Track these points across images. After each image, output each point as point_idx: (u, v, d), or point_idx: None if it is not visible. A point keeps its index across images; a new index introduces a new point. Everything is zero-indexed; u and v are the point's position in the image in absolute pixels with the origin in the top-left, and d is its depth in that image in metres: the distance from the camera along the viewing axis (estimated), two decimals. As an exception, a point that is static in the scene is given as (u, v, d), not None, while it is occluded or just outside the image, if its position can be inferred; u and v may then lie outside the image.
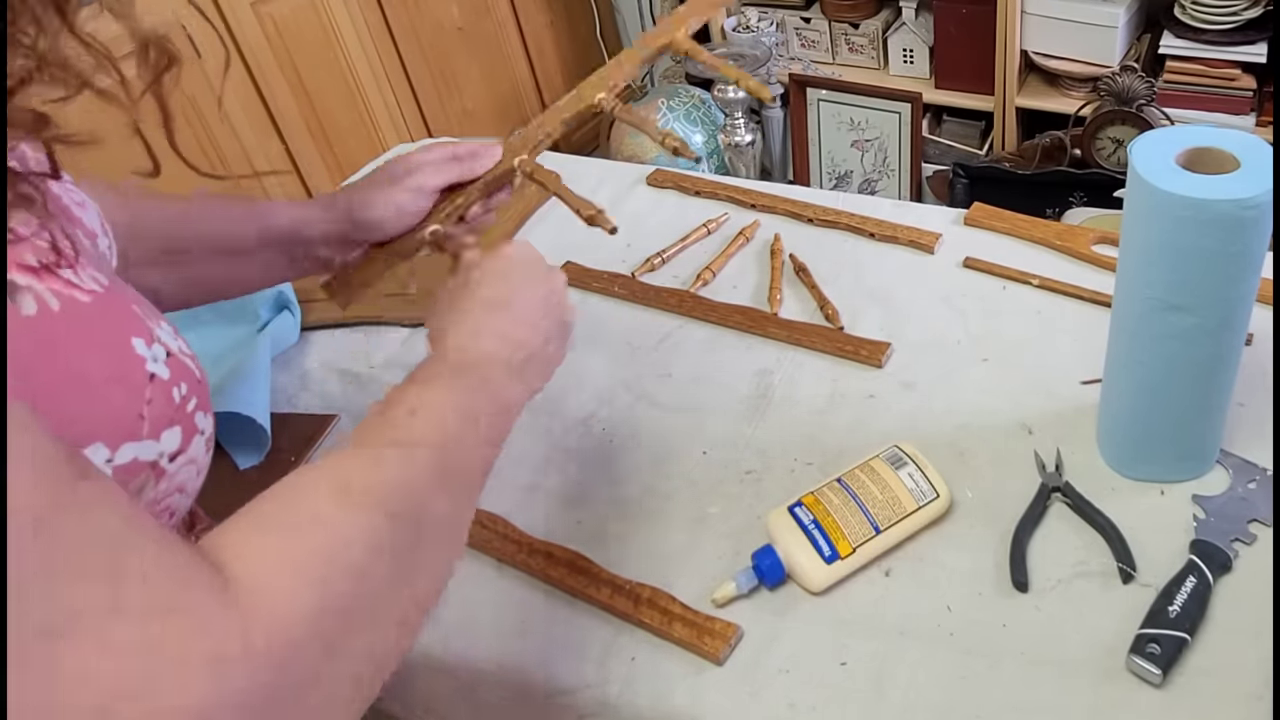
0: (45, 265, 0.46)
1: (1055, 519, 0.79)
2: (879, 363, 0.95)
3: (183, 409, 0.50)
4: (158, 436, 0.48)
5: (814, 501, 0.79)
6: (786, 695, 0.71)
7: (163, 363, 0.50)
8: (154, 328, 0.51)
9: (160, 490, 0.49)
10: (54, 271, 0.46)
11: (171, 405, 0.49)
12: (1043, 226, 1.08)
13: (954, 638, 0.73)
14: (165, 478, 0.49)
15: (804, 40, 2.45)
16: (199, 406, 0.52)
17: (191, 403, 0.51)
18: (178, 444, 0.50)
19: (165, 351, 0.51)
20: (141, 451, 0.47)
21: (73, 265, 0.48)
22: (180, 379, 0.51)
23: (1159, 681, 0.67)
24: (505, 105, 2.59)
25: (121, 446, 0.46)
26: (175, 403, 0.50)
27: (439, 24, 2.35)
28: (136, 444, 0.47)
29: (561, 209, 1.24)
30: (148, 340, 0.50)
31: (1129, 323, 0.75)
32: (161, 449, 0.48)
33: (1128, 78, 1.99)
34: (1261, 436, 0.82)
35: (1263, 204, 0.64)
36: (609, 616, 0.78)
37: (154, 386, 0.49)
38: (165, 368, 0.50)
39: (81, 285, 0.48)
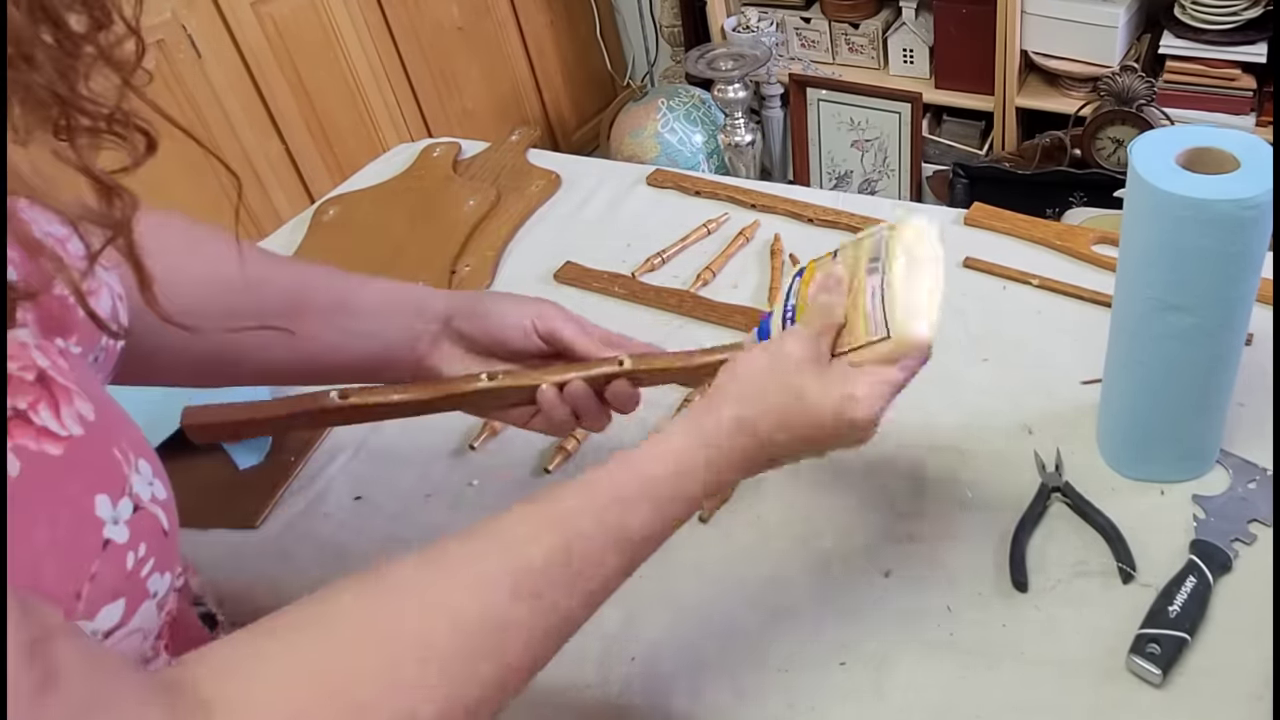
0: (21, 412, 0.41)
1: (1055, 519, 0.79)
2: (879, 363, 0.95)
3: (134, 576, 0.44)
4: (93, 616, 0.42)
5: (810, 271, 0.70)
6: (786, 695, 0.71)
7: (124, 524, 0.44)
8: (130, 474, 0.45)
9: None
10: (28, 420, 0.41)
11: (120, 575, 0.43)
12: (1043, 226, 1.08)
13: (954, 637, 0.73)
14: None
15: (804, 40, 2.45)
16: (157, 567, 0.46)
17: (148, 565, 0.45)
18: (118, 619, 0.43)
19: (133, 506, 0.45)
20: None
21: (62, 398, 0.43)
22: (140, 540, 0.45)
23: (1159, 681, 0.67)
24: (505, 105, 2.59)
25: None
26: (126, 570, 0.44)
27: (439, 24, 2.35)
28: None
29: (561, 209, 1.25)
30: (116, 495, 0.44)
31: (1129, 323, 0.75)
32: (95, 628, 0.42)
33: (1128, 78, 1.99)
34: (1261, 436, 0.82)
35: (1263, 204, 0.64)
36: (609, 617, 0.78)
37: (105, 556, 0.42)
38: (125, 530, 0.44)
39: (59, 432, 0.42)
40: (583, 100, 2.81)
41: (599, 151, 2.67)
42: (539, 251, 1.17)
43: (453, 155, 1.34)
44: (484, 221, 1.22)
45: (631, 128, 2.47)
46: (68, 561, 0.41)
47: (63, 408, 0.43)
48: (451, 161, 1.33)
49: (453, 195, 1.26)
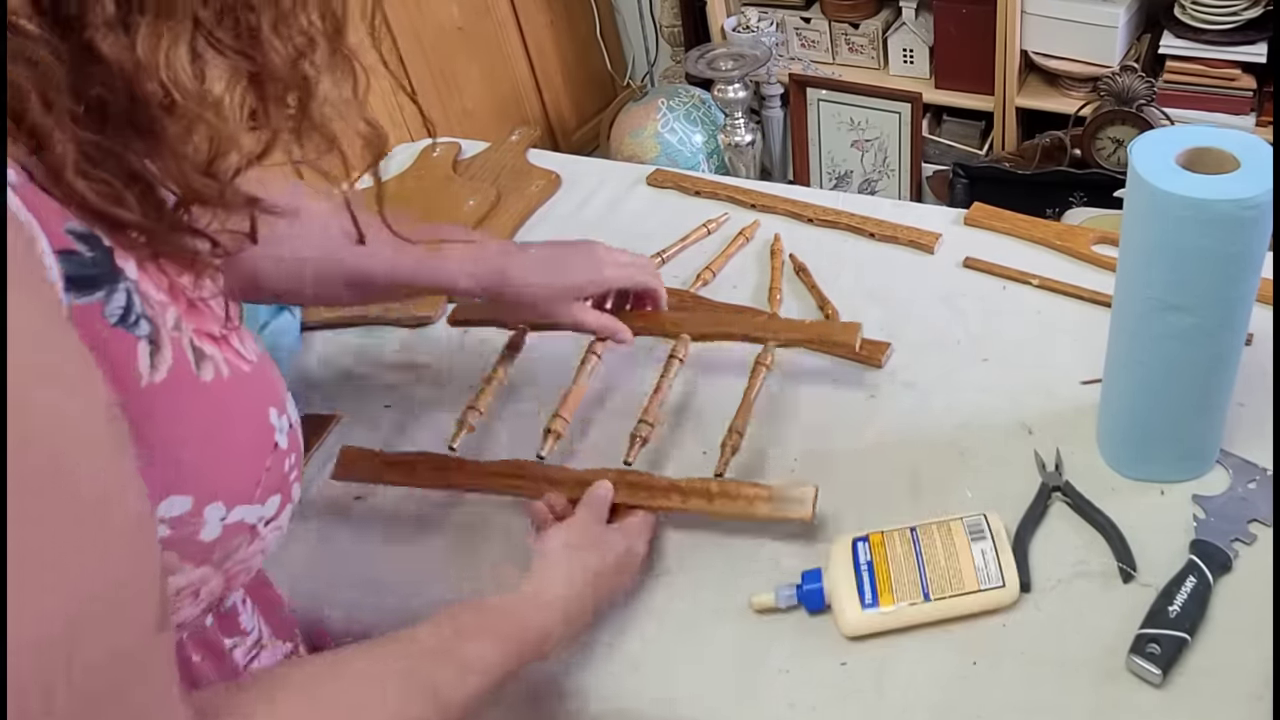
0: (223, 335, 0.50)
1: (1055, 519, 0.79)
2: (879, 362, 0.95)
3: (288, 479, 0.53)
4: (264, 502, 0.51)
5: (879, 542, 0.76)
6: (786, 695, 0.71)
7: (286, 434, 0.53)
8: (286, 398, 0.55)
9: (250, 550, 0.52)
10: (228, 340, 0.51)
11: (281, 474, 0.53)
12: (1043, 226, 1.08)
13: (954, 637, 0.73)
14: (257, 539, 0.52)
15: (804, 40, 2.45)
16: (297, 478, 0.55)
17: (294, 473, 0.54)
18: (275, 510, 0.52)
19: (289, 422, 0.54)
20: (248, 515, 0.50)
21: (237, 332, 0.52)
22: (293, 450, 0.54)
23: (1159, 681, 0.67)
24: (505, 105, 2.59)
25: (235, 508, 0.49)
26: (284, 472, 0.53)
27: (439, 24, 2.35)
28: (247, 507, 0.50)
29: (561, 209, 1.25)
30: (280, 410, 0.53)
31: (1129, 323, 0.75)
32: (263, 514, 0.51)
33: (1128, 78, 1.99)
34: (1261, 436, 0.82)
35: (1263, 204, 0.64)
36: (608, 611, 0.78)
37: (274, 456, 0.52)
38: (287, 439, 0.53)
39: (245, 355, 0.52)
40: (583, 100, 2.81)
41: (599, 151, 2.66)
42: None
43: (453, 155, 1.34)
44: (484, 221, 1.22)
45: (631, 128, 2.47)
46: (252, 454, 0.50)
47: (245, 340, 0.53)
48: (451, 161, 1.33)
49: (453, 195, 1.26)
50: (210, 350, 0.48)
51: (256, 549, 0.53)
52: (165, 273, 0.48)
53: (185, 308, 0.48)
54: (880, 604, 0.72)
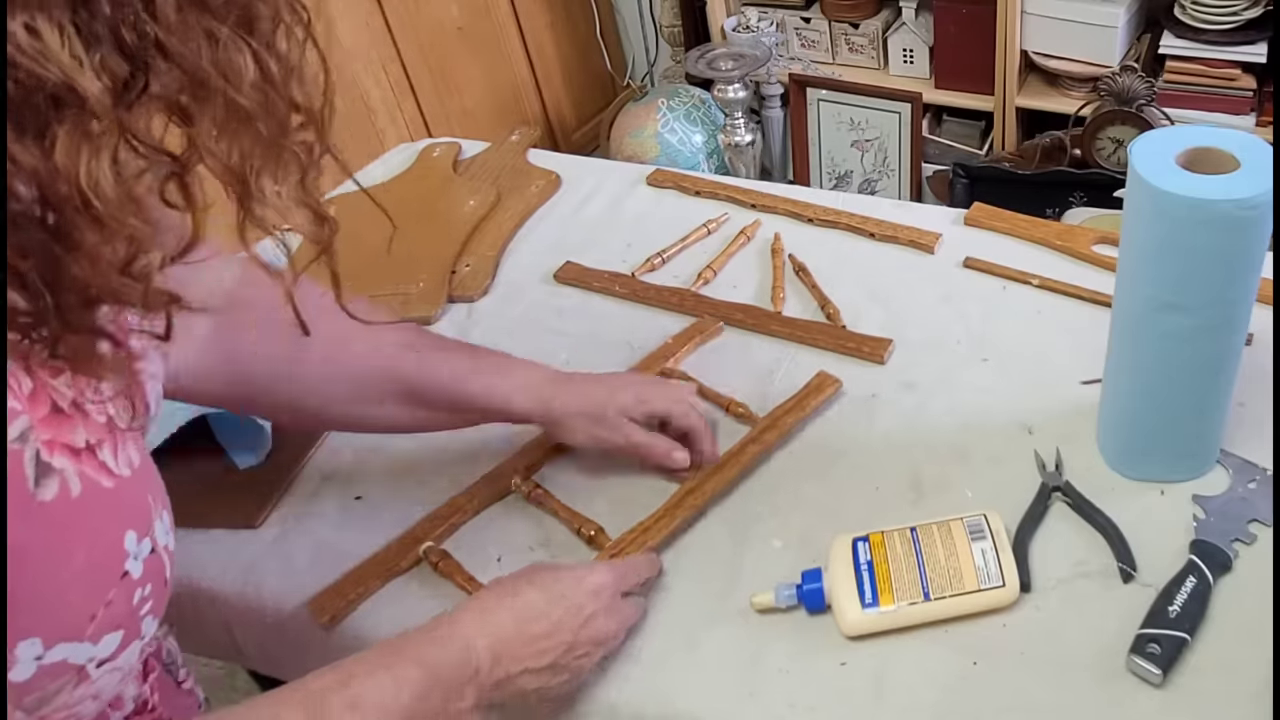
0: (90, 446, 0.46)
1: (1055, 519, 0.79)
2: (881, 359, 0.95)
3: (136, 613, 0.49)
4: (98, 640, 0.46)
5: (879, 542, 0.76)
6: (786, 695, 0.71)
7: (142, 560, 0.48)
8: (154, 520, 0.50)
9: (75, 695, 0.47)
10: (95, 452, 0.46)
11: (128, 608, 0.48)
12: (1043, 226, 1.08)
13: (954, 637, 0.73)
14: (85, 683, 0.47)
15: (804, 40, 2.45)
16: (152, 610, 0.50)
17: (146, 606, 0.49)
18: (114, 649, 0.48)
19: (150, 548, 0.49)
20: (74, 654, 0.45)
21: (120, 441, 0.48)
22: (149, 580, 0.49)
23: (1159, 681, 0.67)
24: (505, 105, 2.58)
25: (56, 645, 0.44)
26: (132, 605, 0.48)
27: (439, 24, 2.35)
28: (72, 645, 0.45)
29: (561, 209, 1.25)
30: (140, 534, 0.49)
31: (1129, 323, 0.75)
32: (95, 654, 0.47)
33: (1128, 78, 1.99)
34: (1261, 436, 0.82)
35: (1262, 204, 0.64)
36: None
37: (121, 587, 0.47)
38: (141, 566, 0.48)
39: (113, 468, 0.47)
40: (583, 100, 2.81)
41: (599, 151, 2.66)
42: (539, 251, 1.17)
43: (453, 155, 1.34)
44: (484, 221, 1.22)
45: (631, 128, 2.47)
46: (94, 583, 0.46)
47: (119, 451, 0.48)
48: (451, 161, 1.33)
49: (453, 195, 1.26)
50: (61, 464, 0.44)
51: (85, 694, 0.47)
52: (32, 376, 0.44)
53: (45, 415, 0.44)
54: (880, 604, 0.72)
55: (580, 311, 1.08)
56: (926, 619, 0.73)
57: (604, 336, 1.04)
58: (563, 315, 1.08)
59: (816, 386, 0.92)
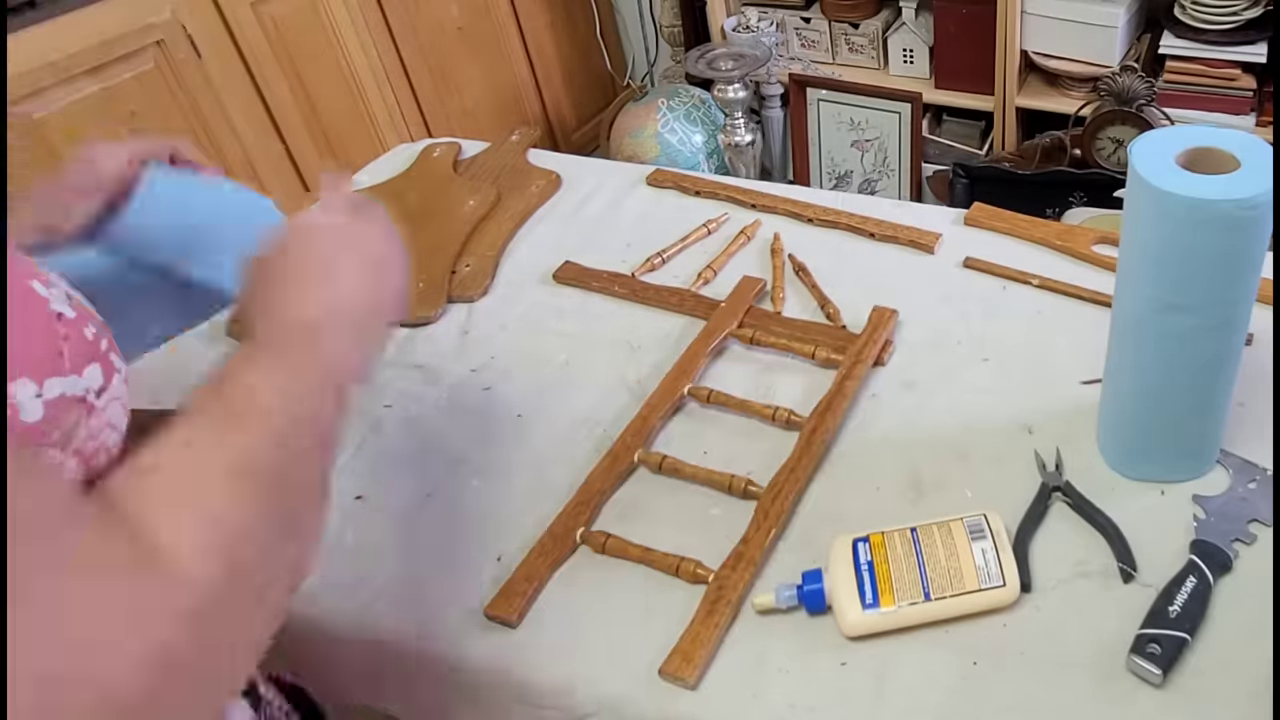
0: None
1: (1055, 519, 0.79)
2: (881, 360, 0.95)
3: (96, 346, 0.52)
4: (80, 372, 0.50)
5: (879, 543, 0.76)
6: (786, 695, 0.71)
7: (66, 304, 0.51)
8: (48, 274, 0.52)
9: (93, 426, 0.51)
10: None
11: (86, 343, 0.51)
12: (1043, 226, 1.08)
13: (954, 637, 0.73)
14: (95, 413, 0.51)
15: (804, 40, 2.45)
16: (111, 348, 0.53)
17: (104, 342, 0.53)
18: (101, 380, 0.51)
19: (65, 295, 0.52)
20: (68, 387, 0.49)
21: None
22: (87, 320, 0.52)
23: (1159, 681, 0.67)
24: (505, 105, 2.58)
25: (47, 381, 0.48)
26: (89, 340, 0.51)
27: (439, 24, 2.35)
28: (62, 379, 0.49)
29: (561, 209, 1.25)
30: (44, 282, 0.51)
31: (1129, 323, 0.75)
32: (87, 384, 0.50)
33: (1128, 78, 1.99)
34: (1261, 436, 0.82)
35: (1262, 204, 0.64)
36: (609, 611, 0.78)
37: (65, 324, 0.50)
38: (70, 309, 0.51)
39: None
40: (583, 100, 2.81)
41: (599, 151, 2.66)
42: (539, 251, 1.17)
43: (453, 155, 1.34)
44: (484, 221, 1.22)
45: (631, 128, 2.47)
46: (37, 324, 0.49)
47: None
48: (451, 162, 1.33)
49: (453, 195, 1.26)
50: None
51: (100, 424, 0.51)
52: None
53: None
54: (881, 604, 0.72)
55: (580, 311, 1.08)
56: (927, 619, 0.73)
57: (604, 337, 1.04)
58: (562, 315, 1.08)
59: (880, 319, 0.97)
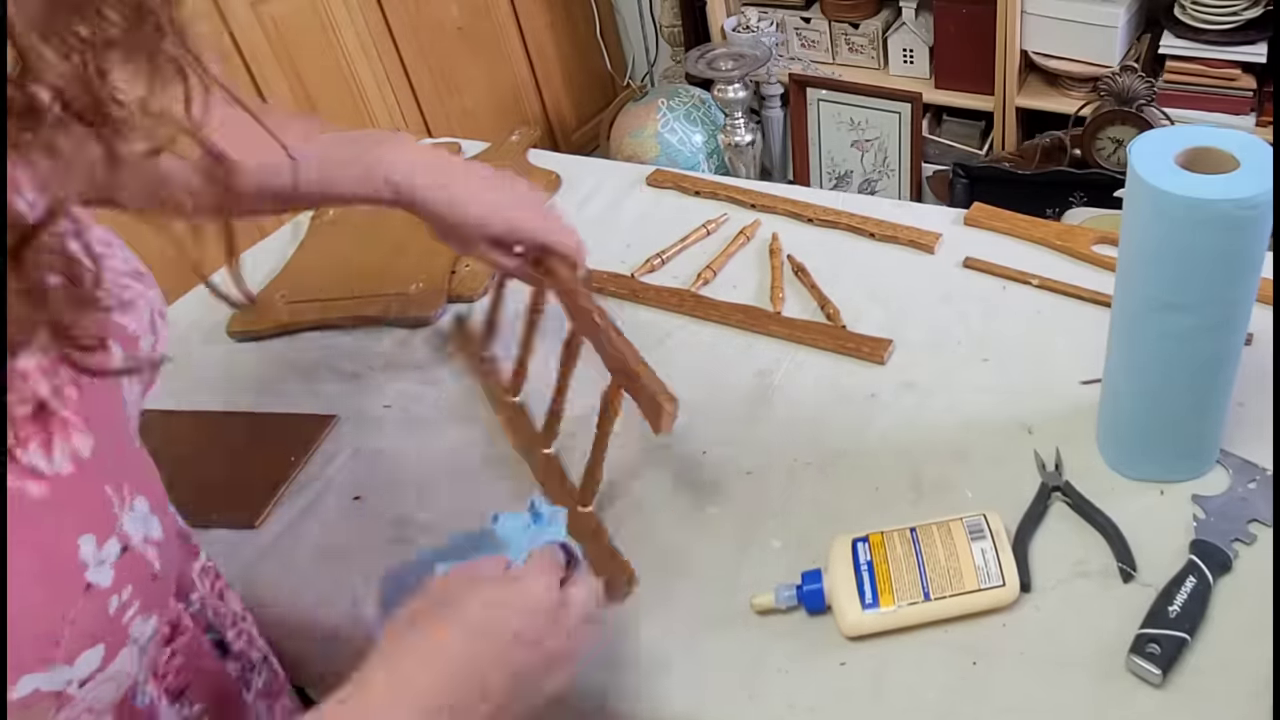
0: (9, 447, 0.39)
1: (1055, 519, 0.79)
2: (881, 359, 0.95)
3: (116, 621, 0.43)
4: (72, 661, 0.41)
5: (879, 543, 0.76)
6: (786, 695, 0.71)
7: (110, 565, 0.43)
8: (121, 514, 0.44)
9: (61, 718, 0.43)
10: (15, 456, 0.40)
11: (103, 619, 0.43)
12: (1043, 226, 1.08)
13: (954, 637, 0.73)
14: (71, 704, 0.42)
15: (804, 40, 2.45)
16: (142, 610, 0.45)
17: (131, 610, 0.44)
18: (96, 664, 0.43)
19: (120, 548, 0.43)
20: (46, 682, 0.40)
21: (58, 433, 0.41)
22: (126, 583, 0.44)
23: (1159, 681, 0.67)
24: (505, 105, 2.59)
25: (21, 679, 0.39)
26: (109, 615, 0.43)
27: (439, 24, 2.35)
28: (41, 675, 0.40)
29: (562, 208, 1.25)
30: (103, 537, 0.43)
31: (1129, 322, 0.75)
32: (72, 675, 0.42)
33: (1128, 78, 1.99)
34: (1261, 436, 0.82)
35: (1262, 204, 0.64)
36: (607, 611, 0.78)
37: (87, 599, 0.42)
38: (110, 572, 0.43)
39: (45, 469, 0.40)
40: (583, 100, 2.81)
41: (599, 151, 2.66)
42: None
43: (453, 155, 1.34)
44: (484, 221, 1.22)
45: (631, 128, 2.47)
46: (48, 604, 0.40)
47: (56, 443, 0.41)
48: (451, 161, 1.33)
49: (453, 195, 1.26)
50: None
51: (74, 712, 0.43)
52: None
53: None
54: (880, 604, 0.72)
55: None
56: (926, 619, 0.73)
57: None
58: (562, 316, 1.08)
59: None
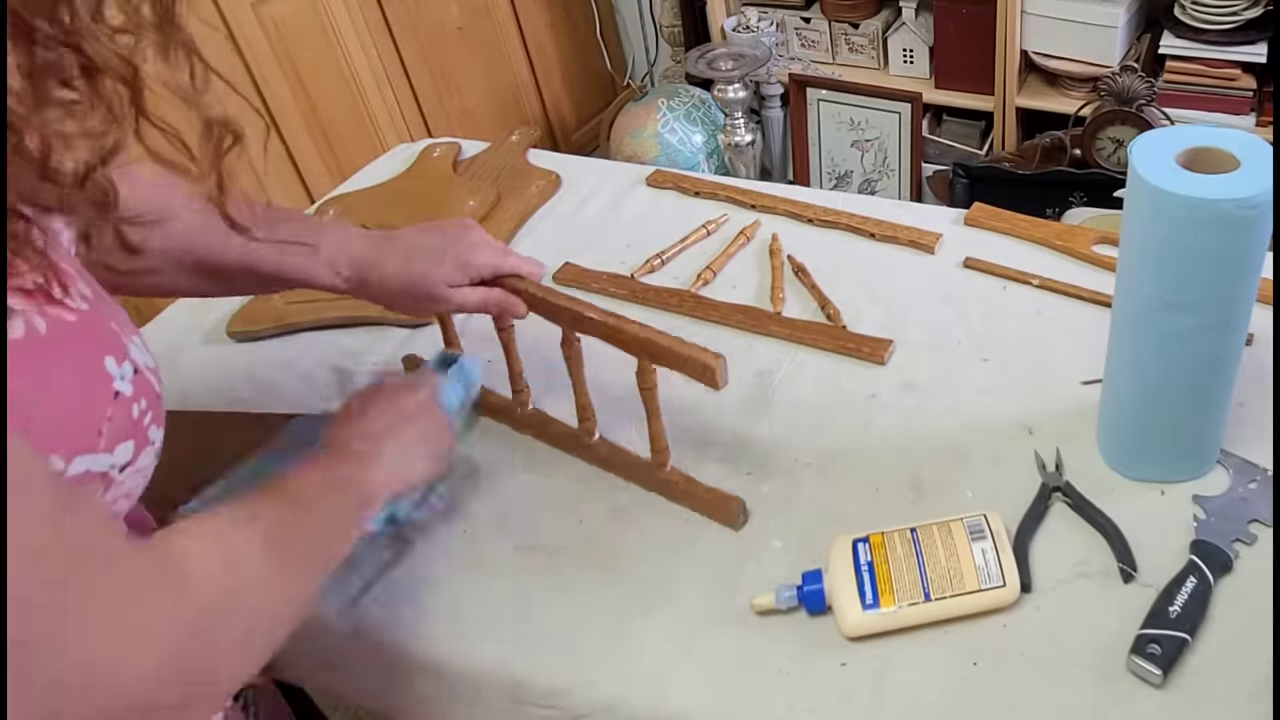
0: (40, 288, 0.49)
1: (1055, 519, 0.79)
2: (881, 359, 0.95)
3: (139, 423, 0.53)
4: (112, 450, 0.51)
5: (879, 543, 0.76)
6: (786, 695, 0.71)
7: (129, 380, 0.53)
8: (128, 343, 0.54)
9: (108, 497, 0.53)
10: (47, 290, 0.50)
11: (129, 421, 0.53)
12: (1043, 226, 1.08)
13: (954, 638, 0.73)
14: (114, 486, 0.53)
15: (804, 40, 2.45)
16: (153, 420, 0.55)
17: (147, 417, 0.54)
18: (129, 456, 0.53)
19: (133, 368, 0.54)
20: (94, 464, 0.50)
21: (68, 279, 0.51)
22: (141, 395, 0.54)
23: (1159, 681, 0.67)
24: (505, 105, 2.58)
25: (76, 459, 0.49)
26: (133, 418, 0.53)
27: (439, 24, 2.35)
28: (91, 457, 0.50)
29: (561, 208, 1.25)
30: (119, 358, 0.53)
31: (1129, 322, 0.75)
32: (114, 461, 0.52)
33: (1128, 78, 1.99)
34: (1261, 436, 0.82)
35: (1262, 204, 0.64)
36: (606, 612, 0.78)
37: (117, 404, 0.52)
38: (130, 385, 0.53)
39: (69, 304, 0.51)
40: (583, 100, 2.81)
41: (599, 151, 2.66)
42: (539, 252, 1.17)
43: (453, 155, 1.34)
44: (484, 221, 1.22)
45: (631, 128, 2.47)
46: (89, 404, 0.50)
47: (70, 286, 0.51)
48: (451, 161, 1.33)
49: (453, 195, 1.26)
50: (20, 306, 0.48)
51: (116, 495, 0.53)
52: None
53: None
54: (881, 604, 0.72)
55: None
56: (927, 619, 0.73)
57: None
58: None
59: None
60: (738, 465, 0.87)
